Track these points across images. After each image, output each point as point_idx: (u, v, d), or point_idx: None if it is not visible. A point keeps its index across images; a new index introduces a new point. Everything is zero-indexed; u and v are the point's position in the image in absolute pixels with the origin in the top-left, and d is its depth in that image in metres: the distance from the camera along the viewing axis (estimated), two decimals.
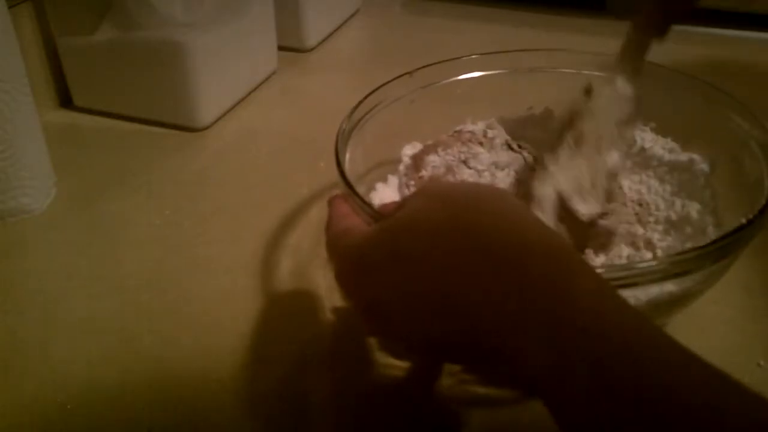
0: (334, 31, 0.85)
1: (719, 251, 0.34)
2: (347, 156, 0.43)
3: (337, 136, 0.43)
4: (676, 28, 0.42)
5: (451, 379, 0.37)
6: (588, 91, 0.45)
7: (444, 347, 0.30)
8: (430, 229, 0.29)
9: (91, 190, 0.56)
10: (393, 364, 0.40)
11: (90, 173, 0.59)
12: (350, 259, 0.32)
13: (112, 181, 0.57)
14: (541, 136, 0.50)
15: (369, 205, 0.37)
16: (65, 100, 0.68)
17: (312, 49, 0.81)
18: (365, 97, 0.47)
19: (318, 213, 0.52)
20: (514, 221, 0.28)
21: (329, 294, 0.45)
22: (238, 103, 0.69)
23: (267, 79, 0.73)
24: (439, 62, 0.51)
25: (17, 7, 0.61)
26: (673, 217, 0.45)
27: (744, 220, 0.35)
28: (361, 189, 0.40)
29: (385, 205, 0.40)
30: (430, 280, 0.28)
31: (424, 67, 0.50)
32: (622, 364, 0.23)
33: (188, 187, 0.57)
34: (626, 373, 0.22)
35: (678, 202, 0.46)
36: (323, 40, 0.82)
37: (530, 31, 0.84)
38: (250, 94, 0.71)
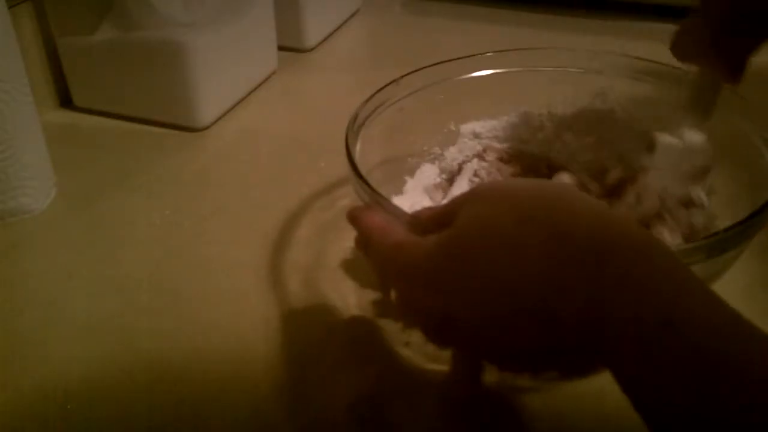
0: (334, 31, 0.85)
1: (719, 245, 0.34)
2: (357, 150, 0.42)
3: (347, 141, 0.41)
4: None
5: (495, 375, 0.36)
6: (650, 147, 0.43)
7: (524, 350, 0.29)
8: (504, 235, 0.28)
9: (91, 190, 0.56)
10: (398, 365, 0.40)
11: (90, 173, 0.59)
12: (418, 275, 0.31)
13: (112, 181, 0.57)
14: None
15: (406, 213, 0.35)
16: (65, 100, 0.68)
17: (312, 49, 0.80)
18: (370, 97, 0.45)
19: (318, 213, 0.52)
20: (583, 214, 0.28)
21: (329, 294, 0.45)
22: (238, 103, 0.69)
23: (267, 79, 0.73)
24: (450, 60, 0.50)
25: (17, 7, 0.61)
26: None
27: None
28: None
29: (420, 212, 0.38)
30: (515, 286, 0.28)
31: (431, 65, 0.49)
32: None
33: (188, 187, 0.57)
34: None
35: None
36: (323, 40, 0.82)
37: (530, 31, 0.84)
38: (250, 94, 0.70)
